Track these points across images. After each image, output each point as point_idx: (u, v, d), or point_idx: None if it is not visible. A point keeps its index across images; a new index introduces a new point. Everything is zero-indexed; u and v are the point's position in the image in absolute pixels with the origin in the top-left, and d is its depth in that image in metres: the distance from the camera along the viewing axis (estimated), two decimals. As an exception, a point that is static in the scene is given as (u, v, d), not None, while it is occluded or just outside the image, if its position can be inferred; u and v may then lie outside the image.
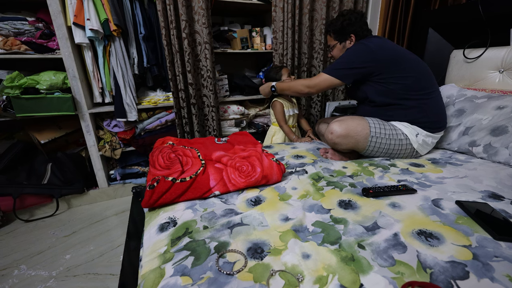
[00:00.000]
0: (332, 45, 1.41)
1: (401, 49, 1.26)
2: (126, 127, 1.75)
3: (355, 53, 1.24)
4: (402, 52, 1.24)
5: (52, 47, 1.55)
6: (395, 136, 1.20)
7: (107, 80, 1.64)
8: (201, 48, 1.72)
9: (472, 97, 1.39)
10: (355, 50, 1.25)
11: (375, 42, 1.22)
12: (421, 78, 1.22)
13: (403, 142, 1.21)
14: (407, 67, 1.21)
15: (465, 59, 1.58)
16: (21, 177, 1.61)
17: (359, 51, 1.23)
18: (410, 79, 1.20)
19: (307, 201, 0.87)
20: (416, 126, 1.23)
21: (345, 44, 1.37)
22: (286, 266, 0.60)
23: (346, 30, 1.33)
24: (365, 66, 1.22)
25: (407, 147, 1.22)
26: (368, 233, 0.71)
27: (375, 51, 1.20)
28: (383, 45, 1.22)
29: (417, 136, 1.22)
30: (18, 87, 1.40)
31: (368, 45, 1.21)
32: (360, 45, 1.24)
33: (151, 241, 0.73)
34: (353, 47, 1.27)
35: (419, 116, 1.22)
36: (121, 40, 1.58)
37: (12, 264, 1.28)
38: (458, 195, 0.88)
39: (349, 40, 1.35)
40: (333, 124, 1.21)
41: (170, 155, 1.05)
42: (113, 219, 1.66)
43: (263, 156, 1.03)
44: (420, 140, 1.23)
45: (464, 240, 0.67)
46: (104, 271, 1.23)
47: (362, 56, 1.21)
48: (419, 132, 1.22)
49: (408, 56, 1.24)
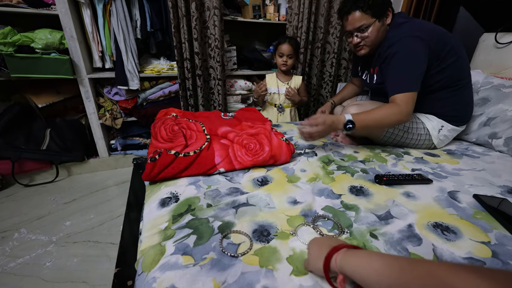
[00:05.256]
0: (367, 25, 1.04)
1: (441, 29, 1.07)
2: (127, 95, 1.68)
3: (413, 52, 0.99)
4: (446, 34, 1.05)
5: (48, 1, 1.43)
6: (414, 130, 1.12)
7: (107, 43, 1.54)
8: (209, 13, 1.60)
9: (499, 85, 1.29)
10: (410, 48, 1.00)
11: (419, 28, 1.02)
12: (460, 66, 1.08)
13: (422, 137, 1.14)
14: (451, 53, 1.04)
15: (496, 43, 1.47)
16: (19, 141, 1.57)
17: (415, 47, 0.99)
18: (451, 68, 1.05)
19: (317, 185, 0.83)
20: (442, 120, 1.13)
21: (384, 22, 1.07)
22: (295, 251, 0.57)
23: (386, 2, 1.06)
24: (425, 62, 1.01)
25: (425, 142, 1.15)
26: (381, 222, 0.67)
27: (427, 40, 0.99)
28: (429, 29, 1.02)
29: (440, 132, 1.14)
30: (11, 44, 1.31)
31: (418, 36, 0.99)
32: (410, 39, 1.00)
33: (152, 216, 0.70)
34: (404, 44, 1.00)
35: (449, 110, 1.12)
36: (123, -1, 1.45)
37: (12, 227, 1.28)
38: (475, 189, 0.84)
39: (386, 17, 1.07)
40: (350, 108, 1.11)
41: (173, 128, 1.00)
42: (114, 189, 1.64)
43: (272, 134, 0.97)
44: (441, 136, 1.15)
45: (482, 236, 0.63)
46: (104, 240, 1.23)
47: (421, 52, 0.99)
48: (444, 125, 1.13)
49: (451, 38, 1.06)
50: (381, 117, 0.98)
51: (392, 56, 1.03)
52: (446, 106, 1.12)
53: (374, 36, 1.06)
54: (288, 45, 1.50)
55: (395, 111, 0.99)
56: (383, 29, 1.07)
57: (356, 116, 0.97)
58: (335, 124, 0.97)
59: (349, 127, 0.96)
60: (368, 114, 0.98)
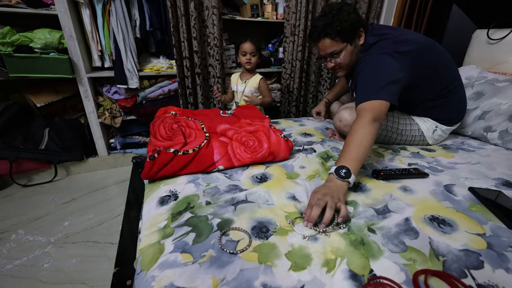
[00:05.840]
0: (338, 50, 1.00)
1: (420, 41, 1.01)
2: (127, 94, 1.68)
3: (377, 65, 0.94)
4: (425, 47, 1.00)
5: (47, 1, 1.43)
6: (408, 132, 1.13)
7: (106, 42, 1.54)
8: (208, 12, 1.60)
9: (493, 80, 1.31)
10: (374, 62, 0.96)
11: (388, 46, 0.96)
12: (446, 74, 1.07)
13: (416, 138, 1.15)
14: (432, 65, 1.01)
15: (488, 39, 1.49)
16: (17, 140, 1.56)
17: (381, 61, 0.95)
18: (437, 80, 1.04)
19: (316, 181, 0.84)
20: (436, 122, 1.14)
21: (357, 43, 1.02)
22: (293, 247, 0.58)
23: (355, 26, 0.98)
24: (398, 72, 0.94)
25: (420, 142, 1.17)
26: (378, 216, 0.68)
27: (396, 56, 0.94)
28: (400, 45, 0.96)
29: (434, 132, 1.15)
30: (10, 44, 1.31)
31: (386, 52, 0.95)
32: (375, 56, 0.96)
33: (151, 214, 0.71)
34: (370, 61, 0.96)
35: (441, 114, 1.13)
36: (121, -2, 1.46)
37: (9, 228, 1.27)
38: (470, 182, 0.85)
39: (358, 38, 1.02)
40: (344, 111, 1.11)
41: (172, 126, 1.00)
42: (113, 188, 1.64)
43: (271, 131, 0.98)
44: (436, 136, 1.16)
45: (478, 229, 0.64)
46: (104, 240, 1.22)
47: (389, 64, 0.94)
48: (438, 126, 1.14)
49: (431, 49, 1.02)
50: (359, 145, 0.80)
51: (358, 74, 1.00)
52: (438, 112, 1.13)
53: (348, 60, 1.03)
54: (250, 43, 1.51)
55: (359, 126, 0.84)
56: (357, 50, 1.04)
57: (347, 163, 0.76)
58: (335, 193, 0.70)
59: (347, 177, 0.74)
60: (352, 151, 0.80)
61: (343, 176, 0.73)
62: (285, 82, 1.99)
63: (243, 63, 1.56)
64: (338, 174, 0.73)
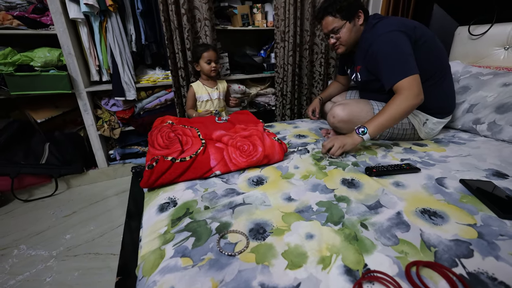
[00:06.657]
0: (338, 27, 1.13)
1: (415, 23, 1.10)
2: (124, 106, 1.71)
3: (394, 42, 1.03)
4: (420, 28, 1.09)
5: (46, 22, 1.48)
6: (399, 125, 1.16)
7: (104, 57, 1.58)
8: (200, 24, 1.65)
9: (477, 74, 1.35)
10: (390, 40, 1.04)
11: (392, 23, 1.07)
12: (438, 56, 1.12)
13: (407, 132, 1.18)
14: (426, 44, 1.07)
15: (470, 36, 1.54)
16: (18, 156, 1.58)
17: (394, 37, 1.03)
18: (429, 58, 1.09)
19: (310, 181, 0.86)
20: (426, 114, 1.16)
21: (355, 23, 1.14)
22: (290, 246, 0.59)
23: (353, 6, 1.12)
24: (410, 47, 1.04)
25: (411, 136, 1.20)
26: (370, 211, 0.70)
27: (403, 30, 1.04)
28: (401, 23, 1.07)
29: (424, 125, 1.17)
30: (11, 64, 1.35)
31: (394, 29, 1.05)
32: (388, 34, 1.05)
33: (151, 222, 0.72)
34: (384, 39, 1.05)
35: (432, 102, 1.14)
36: (117, 15, 1.51)
37: (11, 244, 1.28)
38: (462, 174, 0.87)
39: (357, 18, 1.14)
40: (336, 107, 1.16)
41: (169, 134, 1.02)
42: (114, 199, 1.66)
43: (265, 135, 1.00)
44: (427, 129, 1.18)
45: (469, 219, 0.66)
46: (105, 251, 1.23)
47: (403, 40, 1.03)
48: (428, 119, 1.17)
49: (426, 31, 1.10)
50: (392, 112, 0.99)
51: (377, 54, 1.07)
52: (429, 98, 1.14)
53: (347, 36, 1.15)
54: (213, 51, 1.52)
55: (401, 99, 0.99)
56: (356, 29, 1.15)
57: (368, 125, 1.00)
58: (344, 141, 1.01)
59: (362, 134, 1.00)
60: (379, 117, 1.00)
61: (358, 133, 0.99)
62: (279, 86, 2.03)
63: (209, 71, 1.54)
64: (357, 129, 1.00)
